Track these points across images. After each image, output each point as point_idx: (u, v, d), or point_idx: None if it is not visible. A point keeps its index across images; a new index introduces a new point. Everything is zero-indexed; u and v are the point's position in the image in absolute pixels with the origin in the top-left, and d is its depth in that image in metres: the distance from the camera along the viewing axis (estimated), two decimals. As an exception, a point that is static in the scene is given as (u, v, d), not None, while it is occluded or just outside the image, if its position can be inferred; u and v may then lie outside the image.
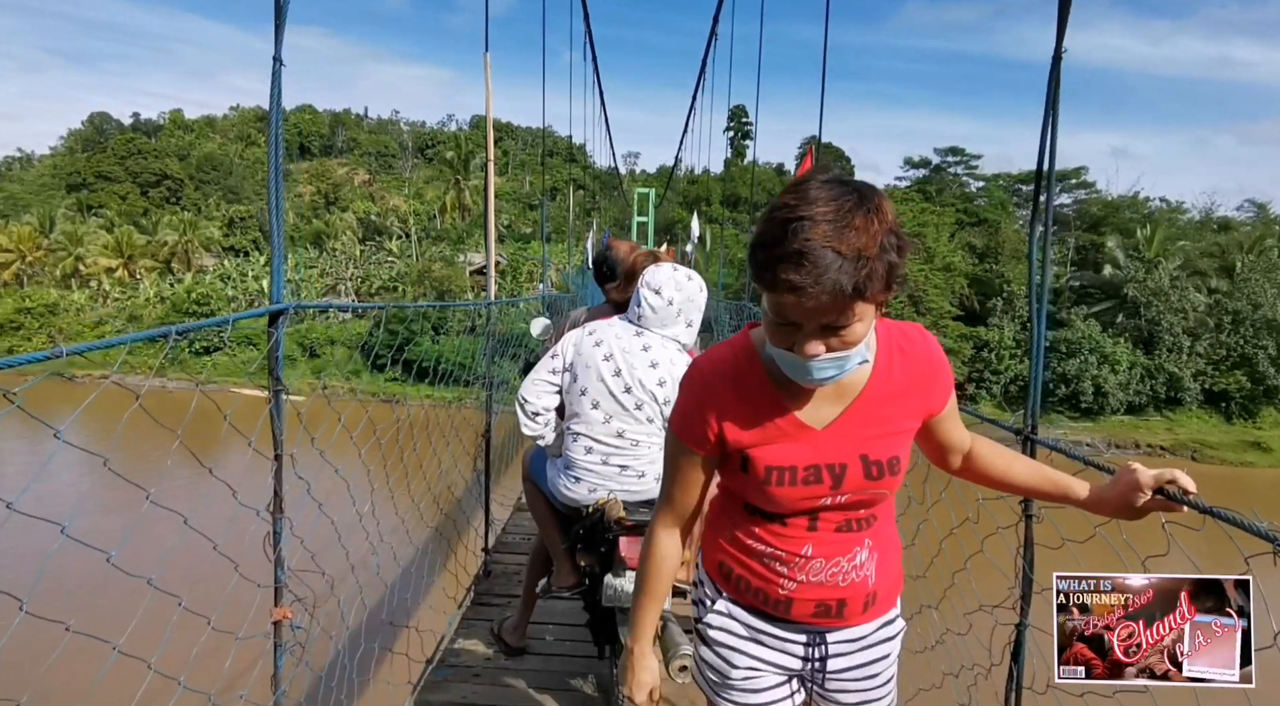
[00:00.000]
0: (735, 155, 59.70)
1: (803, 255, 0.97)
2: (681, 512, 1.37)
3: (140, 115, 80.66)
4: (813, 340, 1.05)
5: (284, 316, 2.03)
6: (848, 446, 1.22)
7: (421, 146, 70.33)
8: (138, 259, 44.79)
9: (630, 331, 2.48)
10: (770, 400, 1.22)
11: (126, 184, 61.11)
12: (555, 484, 2.56)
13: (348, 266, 39.90)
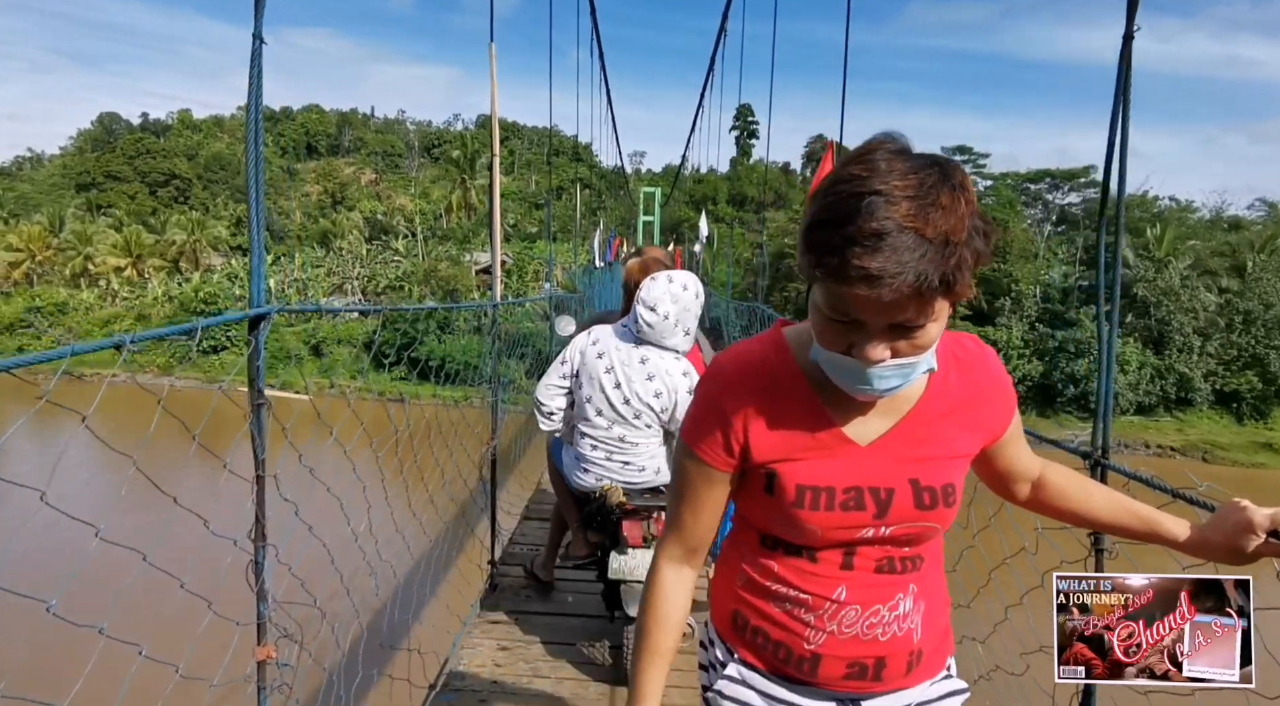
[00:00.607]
0: (741, 154, 59.63)
1: (880, 237, 0.79)
2: (691, 543, 1.14)
3: (149, 115, 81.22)
4: (878, 342, 0.88)
5: (265, 322, 1.82)
6: (896, 468, 1.03)
7: (428, 146, 70.54)
8: (146, 258, 45.00)
9: (630, 343, 2.74)
10: (807, 407, 1.03)
11: (135, 183, 61.51)
12: (570, 471, 2.97)
13: (354, 266, 39.98)
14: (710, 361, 1.10)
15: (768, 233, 36.22)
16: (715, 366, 1.10)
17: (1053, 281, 31.60)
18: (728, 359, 1.09)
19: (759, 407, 1.04)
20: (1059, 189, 40.06)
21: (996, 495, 1.27)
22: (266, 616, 1.83)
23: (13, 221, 49.32)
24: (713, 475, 1.08)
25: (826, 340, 0.93)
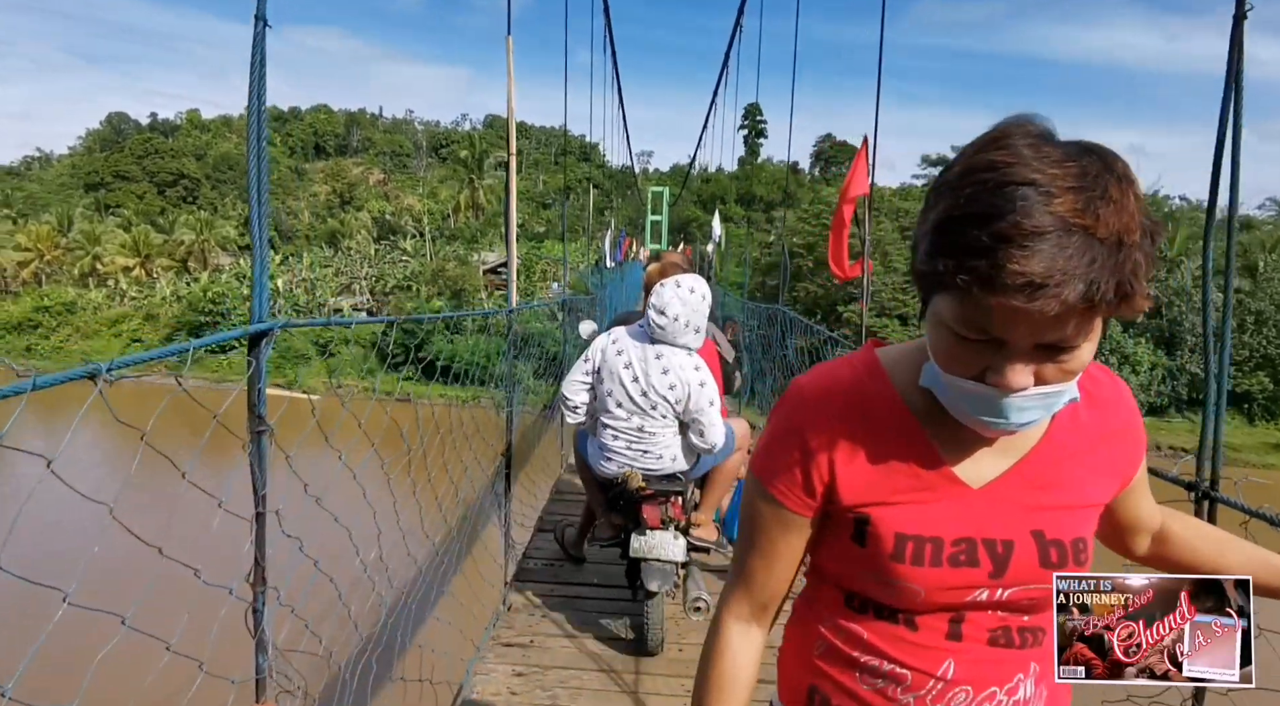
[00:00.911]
0: (749, 153, 59.49)
1: (1042, 236, 0.65)
2: (762, 598, 0.97)
3: (158, 115, 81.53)
4: (1022, 365, 0.73)
5: (268, 338, 1.56)
6: (1016, 517, 0.87)
7: (436, 146, 70.64)
8: (154, 258, 45.17)
9: (646, 342, 3.01)
10: (909, 441, 0.86)
11: (144, 183, 61.70)
12: (594, 460, 3.16)
13: (362, 265, 40.03)
14: (790, 383, 0.95)
15: (777, 231, 36.15)
16: (795, 390, 0.92)
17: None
18: (810, 382, 0.92)
19: (849, 440, 0.87)
20: (1069, 188, 39.83)
21: (1111, 549, 1.10)
22: (266, 668, 1.62)
23: (21, 221, 49.56)
24: (789, 519, 0.92)
25: (953, 362, 0.77)
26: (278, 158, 69.39)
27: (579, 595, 3.56)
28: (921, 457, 0.86)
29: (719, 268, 21.27)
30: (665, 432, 3.03)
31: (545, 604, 3.47)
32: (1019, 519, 0.87)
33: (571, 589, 3.63)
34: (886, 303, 28.17)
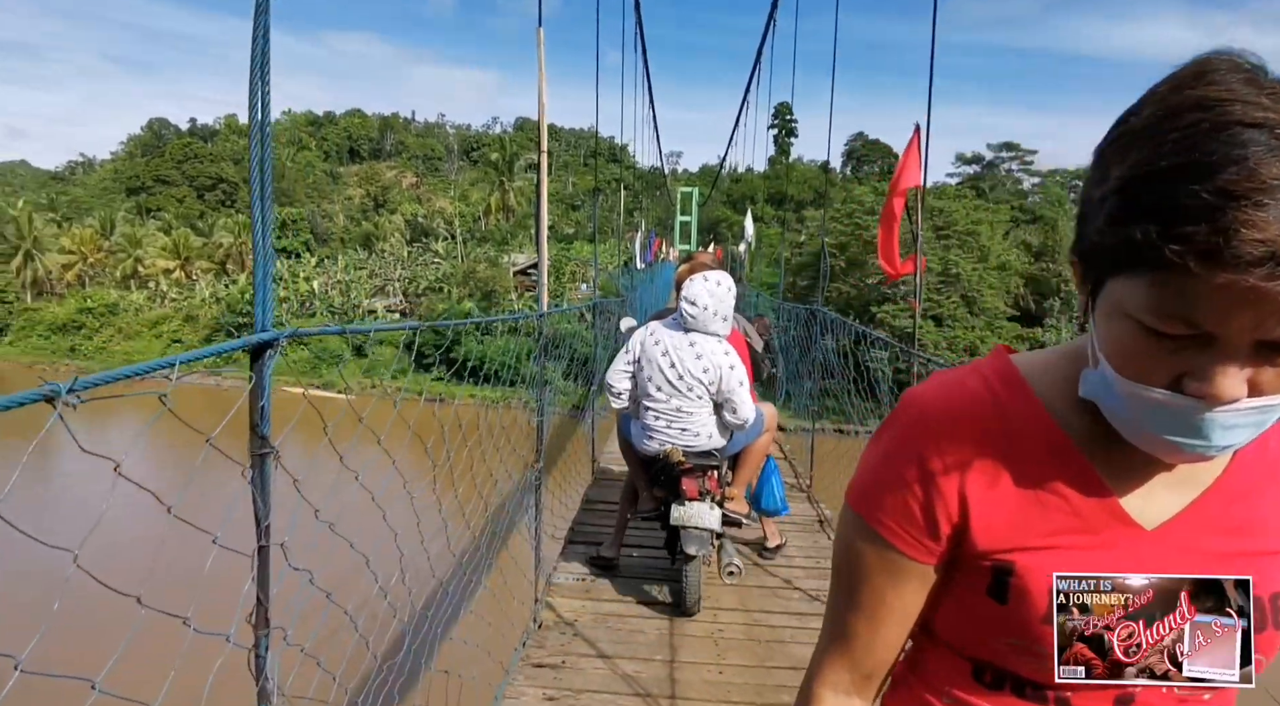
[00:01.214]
0: (779, 153, 59.00)
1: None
2: (865, 665, 0.78)
3: (196, 120, 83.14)
4: (1236, 367, 0.55)
5: (273, 349, 1.38)
6: (1201, 568, 0.71)
7: (467, 149, 71.20)
8: (194, 260, 46.05)
9: (679, 333, 3.35)
10: (1066, 470, 0.68)
11: (183, 187, 62.99)
12: (637, 440, 3.48)
13: (395, 268, 40.40)
14: (904, 395, 0.75)
15: (808, 231, 35.75)
16: (913, 405, 0.72)
17: (1104, 281, 30.68)
18: (932, 395, 0.72)
19: (986, 467, 0.68)
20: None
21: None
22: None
23: (65, 225, 50.83)
24: (903, 566, 0.72)
25: (1138, 366, 0.58)
26: (313, 162, 70.43)
27: (613, 612, 3.39)
28: (1082, 489, 0.68)
29: (749, 268, 21.03)
30: (701, 412, 3.36)
31: (578, 622, 3.30)
32: (1205, 570, 0.71)
33: (605, 606, 3.46)
34: (922, 302, 27.67)
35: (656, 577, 3.65)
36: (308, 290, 38.38)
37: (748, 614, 3.41)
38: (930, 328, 26.92)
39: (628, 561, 3.80)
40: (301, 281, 39.26)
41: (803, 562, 4.01)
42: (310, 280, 39.06)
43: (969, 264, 28.02)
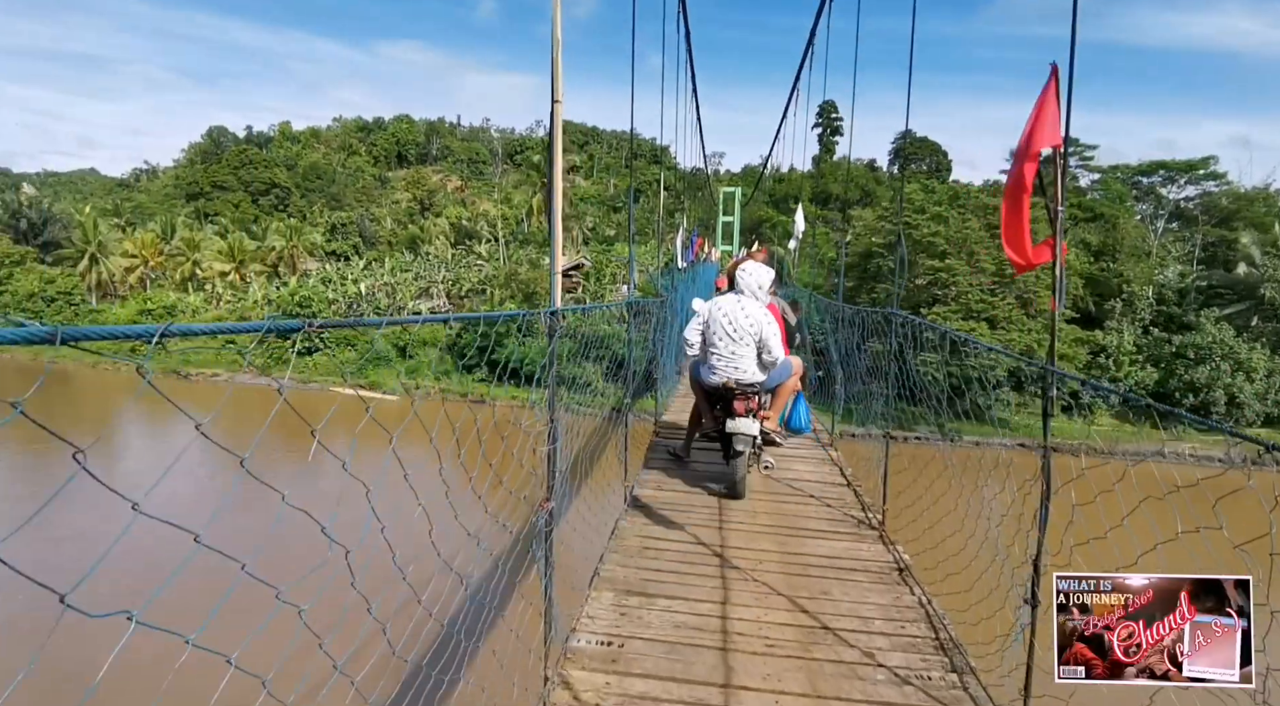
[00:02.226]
0: (824, 151, 58.11)
1: None
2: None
3: (252, 128, 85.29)
4: None
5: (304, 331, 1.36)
6: None
7: (511, 152, 71.82)
8: (248, 263, 47.14)
9: (735, 301, 4.82)
10: None
11: (239, 192, 64.67)
12: (705, 376, 4.88)
13: (439, 270, 40.82)
14: None
15: (855, 231, 35.01)
16: None
17: (1167, 282, 29.35)
18: None
19: None
20: (1174, 182, 37.24)
21: None
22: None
23: (129, 230, 52.57)
24: None
25: None
26: (363, 167, 71.76)
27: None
28: None
29: (792, 268, 20.62)
30: (748, 354, 4.77)
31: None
32: None
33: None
34: (974, 304, 26.80)
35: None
36: (355, 292, 39.00)
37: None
38: (984, 330, 26.06)
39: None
40: (350, 284, 39.93)
41: (883, 626, 3.17)
42: (358, 283, 39.70)
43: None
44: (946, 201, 29.87)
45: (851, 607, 3.31)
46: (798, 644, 2.95)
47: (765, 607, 3.26)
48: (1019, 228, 2.85)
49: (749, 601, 3.33)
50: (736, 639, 2.99)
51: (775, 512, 4.59)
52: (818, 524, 4.44)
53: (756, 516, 4.49)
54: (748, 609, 3.25)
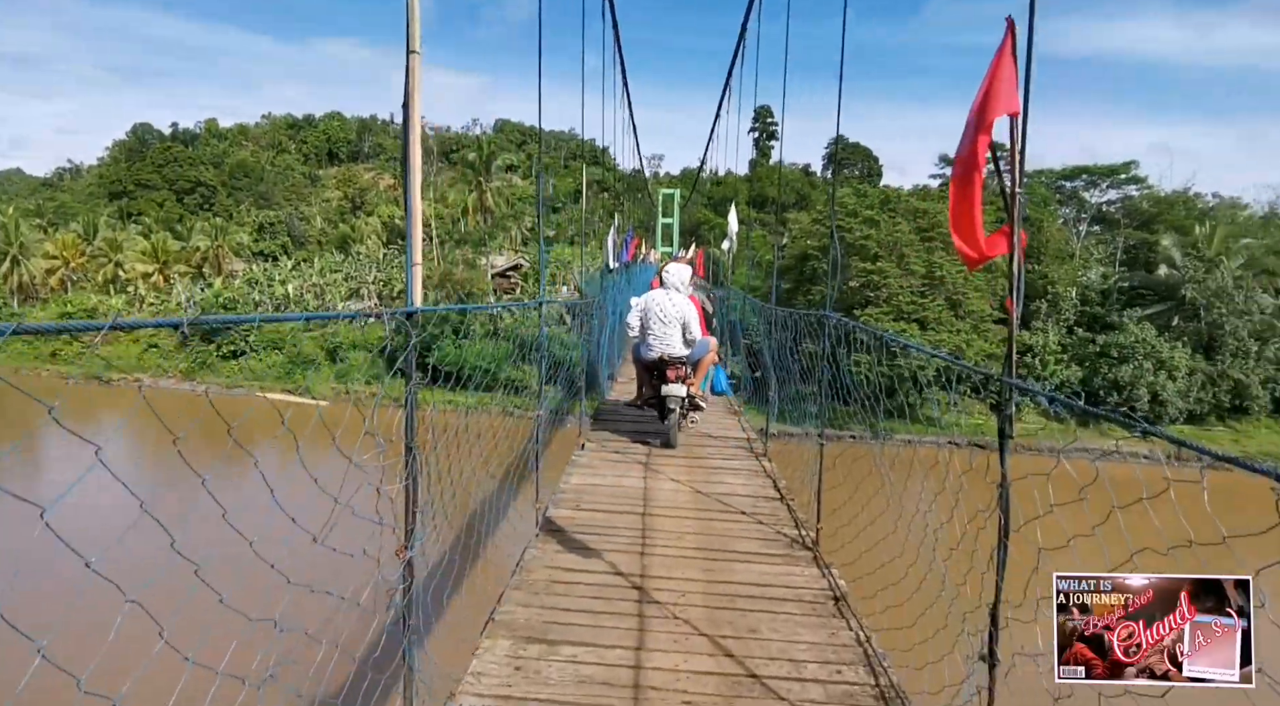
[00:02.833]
0: (760, 156, 58.52)
1: None
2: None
3: (178, 125, 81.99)
4: None
5: None
6: None
7: (446, 151, 70.45)
8: (172, 264, 45.31)
9: (664, 294, 6.25)
10: None
11: (164, 191, 62.13)
12: (642, 353, 6.22)
13: (371, 270, 39.61)
14: None
15: (791, 234, 35.16)
16: None
17: (1091, 283, 30.18)
18: None
19: None
20: (1096, 186, 38.47)
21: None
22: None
23: (51, 230, 50.11)
24: None
25: None
26: (292, 165, 69.60)
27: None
28: None
29: (729, 270, 20.61)
30: (676, 334, 6.13)
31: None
32: None
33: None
34: (904, 306, 27.07)
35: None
36: (283, 293, 37.56)
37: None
38: (915, 331, 26.34)
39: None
40: (277, 285, 38.44)
41: (817, 671, 2.84)
42: (286, 284, 38.24)
43: (955, 266, 27.46)
44: (878, 205, 30.20)
45: (782, 648, 2.97)
46: (720, 699, 2.60)
47: (685, 652, 2.91)
48: (970, 214, 2.35)
49: (667, 645, 2.98)
50: (650, 696, 2.59)
51: (703, 532, 4.31)
52: (748, 544, 4.16)
53: (683, 538, 4.20)
54: (665, 655, 2.88)
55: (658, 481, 5.33)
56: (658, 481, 5.33)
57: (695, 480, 5.41)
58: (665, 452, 6.08)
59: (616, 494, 4.99)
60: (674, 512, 4.65)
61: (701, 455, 6.18)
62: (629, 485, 5.22)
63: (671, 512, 4.65)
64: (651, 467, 5.69)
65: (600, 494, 4.97)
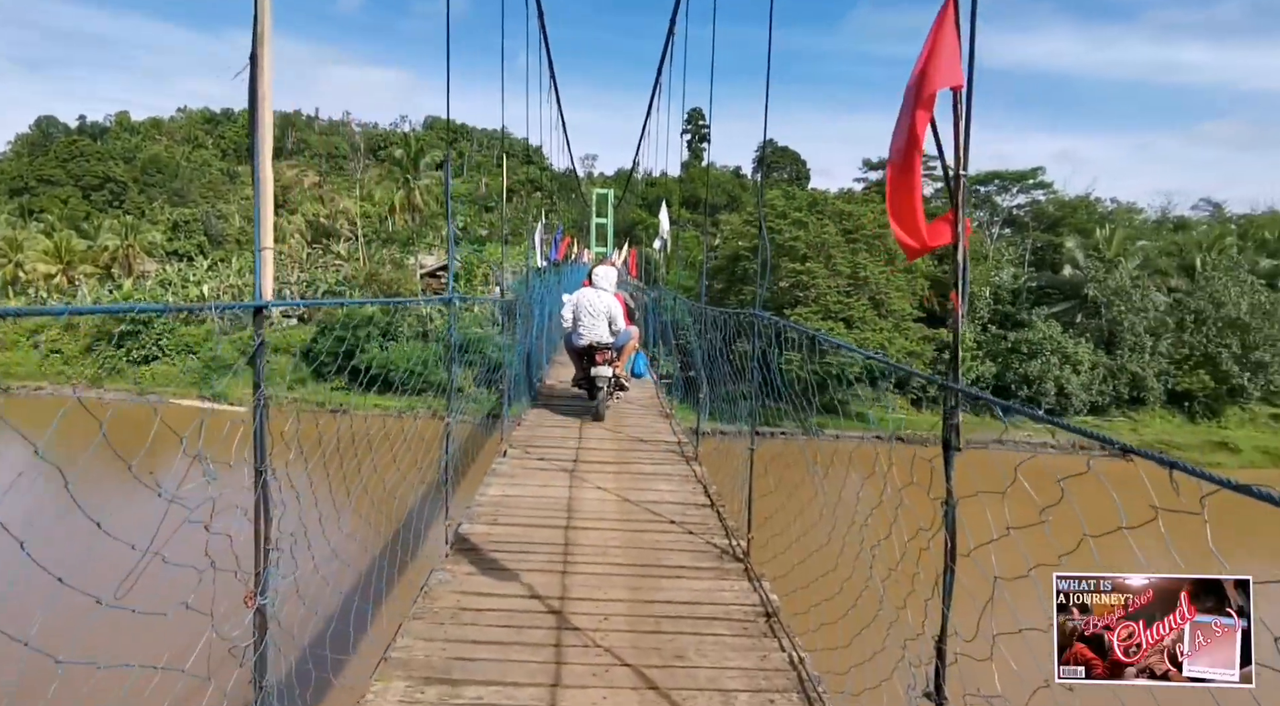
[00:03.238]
0: (693, 157, 59.17)
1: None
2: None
3: (86, 118, 77.71)
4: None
5: None
6: None
7: (374, 148, 68.77)
8: (77, 265, 42.90)
9: (593, 292, 7.43)
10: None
11: (68, 187, 58.78)
12: (574, 341, 7.42)
13: (293, 271, 38.37)
14: None
15: (723, 235, 35.67)
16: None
17: (1003, 283, 31.60)
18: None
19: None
20: (1007, 191, 40.30)
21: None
22: None
23: (-57, 230, 46.79)
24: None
25: None
26: (209, 161, 66.85)
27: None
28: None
29: (661, 269, 20.70)
30: (603, 325, 7.32)
31: None
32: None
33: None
34: (832, 305, 27.84)
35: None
36: (197, 295, 36.06)
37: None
38: (842, 330, 27.09)
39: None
40: (191, 286, 36.87)
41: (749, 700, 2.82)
42: (201, 284, 36.70)
43: (877, 267, 28.36)
44: (806, 207, 30.93)
45: (711, 676, 2.81)
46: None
47: (607, 686, 2.70)
48: (910, 200, 2.07)
49: (587, 678, 2.74)
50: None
51: (630, 545, 4.17)
52: (677, 558, 4.04)
53: (608, 552, 4.05)
54: (584, 692, 2.65)
55: (583, 490, 5.18)
56: (583, 490, 5.18)
57: (623, 487, 5.27)
58: (592, 459, 6.05)
59: (538, 505, 4.79)
60: (599, 524, 4.49)
61: (630, 460, 6.12)
62: (552, 495, 5.04)
63: (597, 524, 4.48)
64: (577, 475, 5.52)
65: (520, 506, 4.76)
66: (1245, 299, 27.18)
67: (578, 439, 6.68)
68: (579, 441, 6.57)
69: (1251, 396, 27.32)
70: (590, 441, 6.63)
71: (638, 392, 8.86)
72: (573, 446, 6.39)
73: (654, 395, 9.24)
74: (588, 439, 6.72)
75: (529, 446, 6.29)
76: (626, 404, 8.30)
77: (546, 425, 7.25)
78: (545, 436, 6.75)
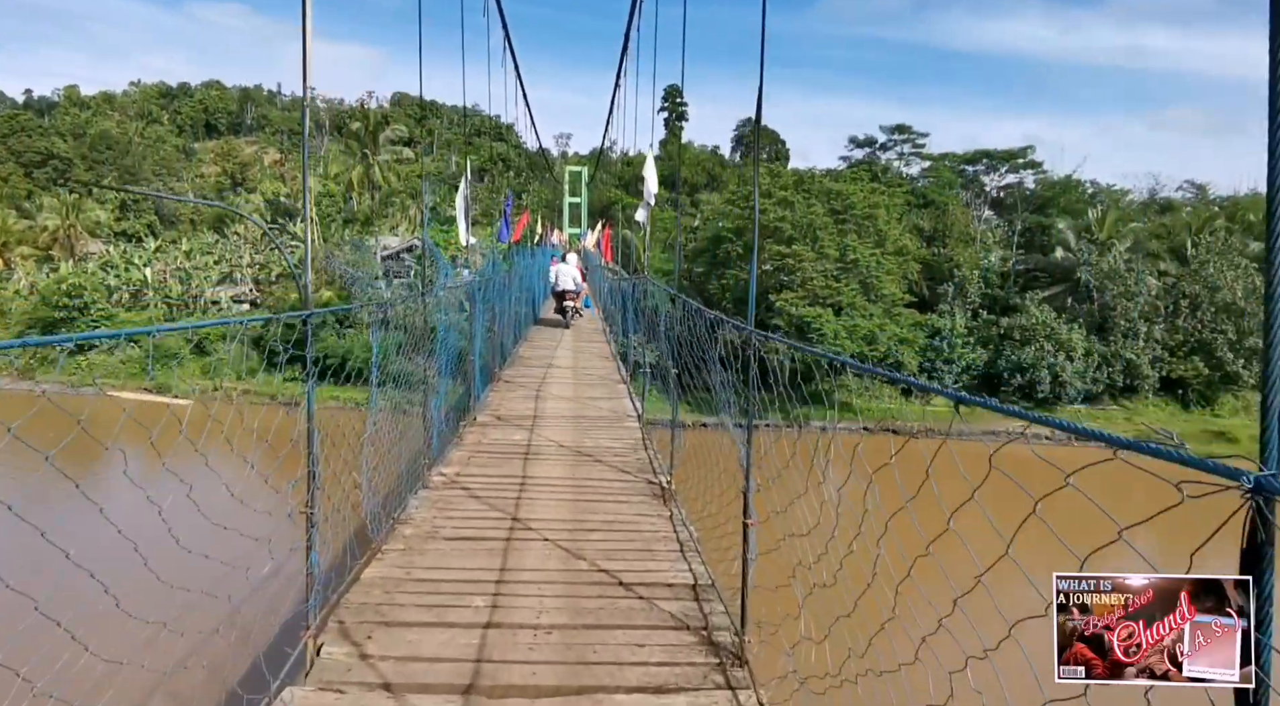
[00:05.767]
0: (671, 136, 57.45)
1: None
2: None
3: (33, 92, 73.86)
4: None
5: None
6: None
7: (339, 125, 66.11)
8: (13, 246, 40.31)
9: (566, 265, 16.80)
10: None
11: (8, 164, 55.76)
12: (555, 288, 16.93)
13: (247, 252, 36.12)
14: None
15: (703, 215, 34.12)
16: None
17: (991, 266, 30.49)
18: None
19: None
20: (995, 170, 39.19)
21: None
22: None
23: None
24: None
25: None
26: (164, 137, 63.79)
27: None
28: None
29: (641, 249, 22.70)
30: (569, 283, 16.15)
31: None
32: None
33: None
34: (819, 290, 26.43)
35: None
36: (140, 278, 33.73)
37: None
38: (830, 316, 25.73)
39: None
40: (136, 269, 34.52)
41: None
42: (146, 266, 34.35)
43: (867, 249, 27.00)
44: (792, 186, 29.47)
45: None
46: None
47: None
48: None
49: None
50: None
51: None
52: None
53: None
54: None
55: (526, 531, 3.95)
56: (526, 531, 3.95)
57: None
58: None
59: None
60: (538, 587, 3.34)
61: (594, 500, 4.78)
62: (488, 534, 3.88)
63: (535, 586, 3.34)
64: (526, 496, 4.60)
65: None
66: (1240, 283, 26.26)
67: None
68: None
69: (1246, 384, 26.45)
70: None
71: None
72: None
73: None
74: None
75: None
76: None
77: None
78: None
